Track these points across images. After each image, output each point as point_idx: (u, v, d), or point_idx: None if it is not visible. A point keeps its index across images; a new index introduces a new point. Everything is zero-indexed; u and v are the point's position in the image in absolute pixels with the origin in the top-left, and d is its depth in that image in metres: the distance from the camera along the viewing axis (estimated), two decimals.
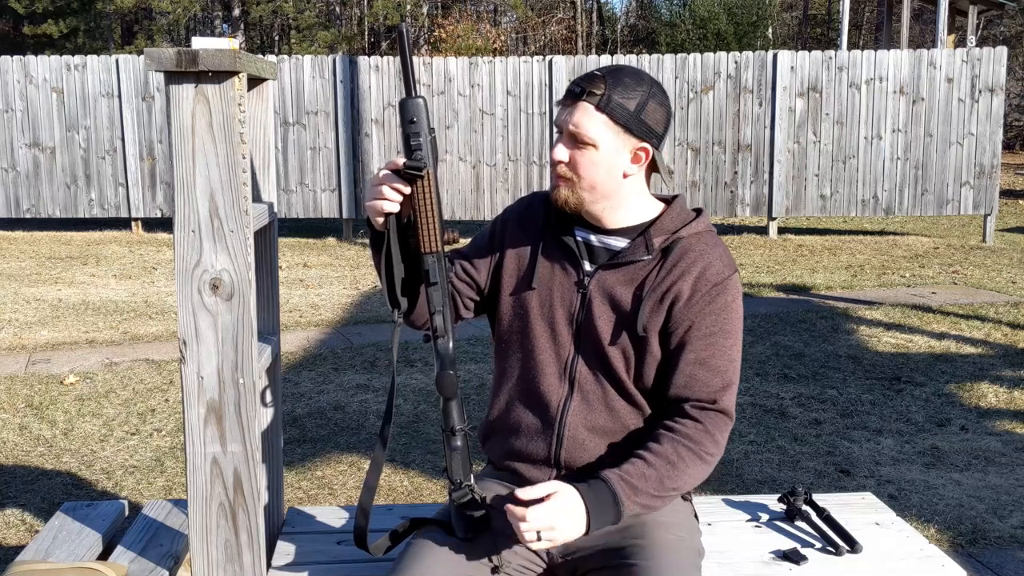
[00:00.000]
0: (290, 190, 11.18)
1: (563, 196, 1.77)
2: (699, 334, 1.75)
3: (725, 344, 1.76)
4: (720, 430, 1.75)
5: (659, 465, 1.68)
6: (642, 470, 1.68)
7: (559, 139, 1.76)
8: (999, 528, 3.36)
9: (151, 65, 1.68)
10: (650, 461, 1.69)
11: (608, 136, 1.72)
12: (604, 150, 1.73)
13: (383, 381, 5.18)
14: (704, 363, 1.75)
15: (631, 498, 1.66)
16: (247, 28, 25.73)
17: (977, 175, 11.04)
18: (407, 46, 1.62)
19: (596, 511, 1.64)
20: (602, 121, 1.71)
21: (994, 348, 5.91)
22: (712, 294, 1.75)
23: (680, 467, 1.70)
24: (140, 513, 2.26)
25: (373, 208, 1.70)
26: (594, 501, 1.64)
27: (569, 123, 1.72)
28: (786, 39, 30.90)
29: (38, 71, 11.15)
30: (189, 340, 1.78)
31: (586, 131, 1.71)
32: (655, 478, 1.68)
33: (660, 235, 1.78)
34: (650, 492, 1.67)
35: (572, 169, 1.74)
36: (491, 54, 21.68)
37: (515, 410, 1.86)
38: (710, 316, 1.75)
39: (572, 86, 1.74)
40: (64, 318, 6.90)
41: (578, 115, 1.71)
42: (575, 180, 1.75)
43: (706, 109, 11.10)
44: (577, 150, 1.73)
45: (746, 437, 4.27)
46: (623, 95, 1.71)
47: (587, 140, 1.72)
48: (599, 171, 1.74)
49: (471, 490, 1.72)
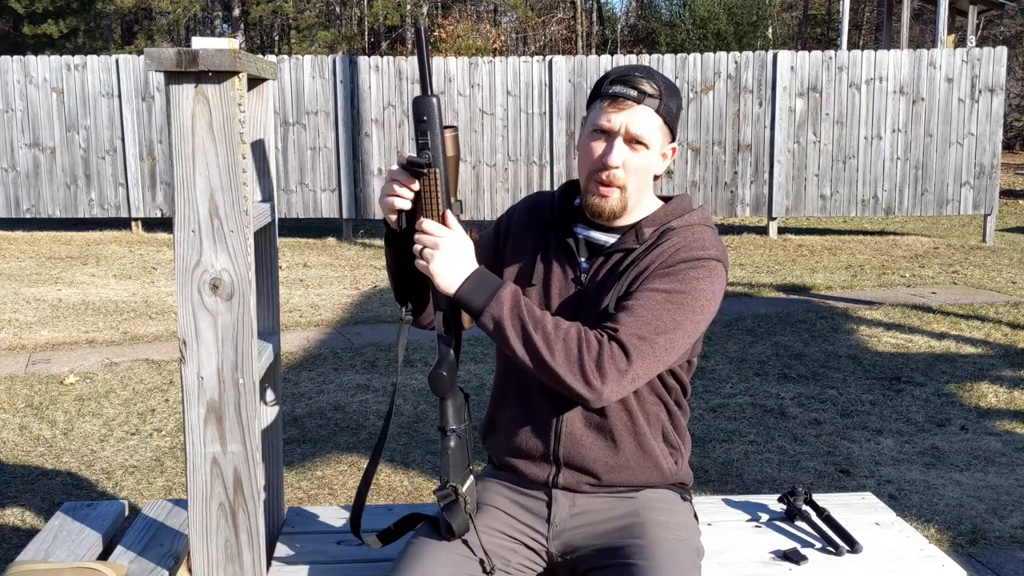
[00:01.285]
0: (290, 190, 11.18)
1: (610, 206, 1.75)
2: (643, 288, 1.70)
3: (664, 306, 1.67)
4: (610, 361, 1.61)
5: (547, 320, 1.64)
6: (534, 307, 1.66)
7: (611, 143, 1.72)
8: (999, 528, 3.36)
9: (151, 65, 1.68)
10: (546, 313, 1.66)
11: (658, 138, 1.74)
12: (653, 151, 1.75)
13: (383, 381, 5.19)
14: (630, 308, 1.67)
15: (505, 306, 1.63)
16: (247, 28, 25.74)
17: (977, 175, 11.05)
18: (425, 45, 1.62)
19: (474, 282, 1.65)
20: (659, 124, 1.73)
21: (994, 348, 5.91)
22: (677, 264, 1.71)
23: (556, 338, 1.62)
24: (140, 513, 2.26)
25: (385, 205, 1.69)
26: (481, 275, 1.66)
27: (632, 127, 1.71)
28: (786, 39, 30.90)
29: (38, 71, 11.15)
30: (189, 340, 1.78)
31: (648, 134, 1.72)
32: (536, 320, 1.63)
33: (651, 225, 1.79)
34: (521, 320, 1.62)
35: (627, 173, 1.74)
36: (491, 54, 21.68)
37: (514, 408, 1.87)
38: (662, 278, 1.70)
39: (626, 88, 1.70)
40: (64, 318, 6.90)
41: (642, 118, 1.71)
42: (627, 184, 1.74)
43: (706, 109, 11.10)
44: (632, 152, 1.73)
45: (746, 437, 4.27)
46: (670, 97, 1.74)
47: (645, 142, 1.72)
48: (647, 173, 1.76)
49: (455, 491, 1.72)
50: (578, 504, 1.83)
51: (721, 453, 4.06)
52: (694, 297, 1.69)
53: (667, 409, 1.84)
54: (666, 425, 1.85)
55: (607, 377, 1.61)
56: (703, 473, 3.81)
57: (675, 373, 1.82)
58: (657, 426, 1.83)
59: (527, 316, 1.63)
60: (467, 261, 1.66)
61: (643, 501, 1.83)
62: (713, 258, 1.73)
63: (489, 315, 1.64)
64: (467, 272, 1.65)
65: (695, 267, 1.71)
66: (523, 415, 1.85)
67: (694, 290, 1.69)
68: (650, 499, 1.84)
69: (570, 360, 1.61)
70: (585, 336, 1.64)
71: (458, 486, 1.72)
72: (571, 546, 1.80)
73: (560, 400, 1.78)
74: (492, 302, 1.64)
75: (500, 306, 1.63)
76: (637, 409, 1.79)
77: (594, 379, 1.61)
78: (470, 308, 1.65)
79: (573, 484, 1.82)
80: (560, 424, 1.80)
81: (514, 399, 1.87)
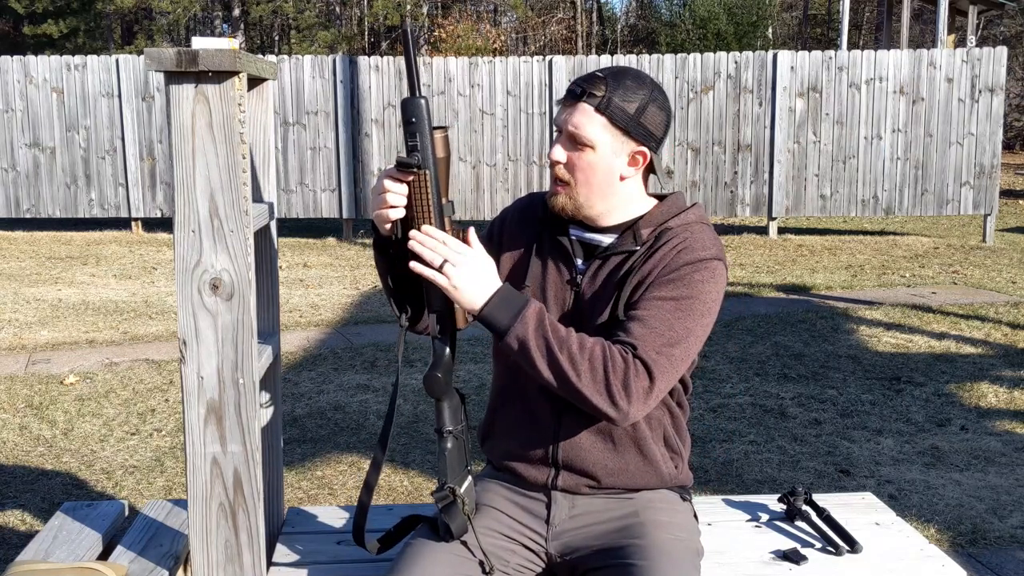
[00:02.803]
0: (290, 190, 11.18)
1: (560, 203, 1.77)
2: (650, 296, 1.70)
3: (675, 315, 1.67)
4: (635, 380, 1.62)
5: (572, 340, 1.63)
6: (559, 326, 1.65)
7: (558, 139, 1.76)
8: (999, 528, 3.36)
9: (151, 65, 1.68)
10: (570, 331, 1.65)
11: (606, 138, 1.71)
12: (602, 152, 1.72)
13: (383, 381, 5.19)
14: (642, 320, 1.67)
15: (530, 327, 1.62)
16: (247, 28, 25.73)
17: (977, 175, 11.04)
18: (412, 46, 1.62)
19: (500, 300, 1.63)
20: (601, 123, 1.70)
21: (994, 348, 5.91)
22: (680, 268, 1.71)
23: (582, 358, 1.61)
24: (140, 513, 2.26)
25: (379, 217, 1.68)
26: (506, 293, 1.64)
27: (568, 123, 1.72)
28: (786, 39, 30.90)
29: (38, 71, 11.15)
30: (189, 340, 1.78)
31: (585, 132, 1.70)
32: (561, 340, 1.62)
33: (648, 226, 1.78)
34: (547, 341, 1.62)
35: (570, 170, 1.74)
36: (491, 54, 21.68)
37: (513, 410, 1.86)
38: (667, 285, 1.70)
39: (572, 86, 1.73)
40: (64, 318, 6.90)
41: (577, 116, 1.71)
42: (572, 182, 1.74)
43: (706, 109, 11.10)
44: (575, 151, 1.73)
45: (746, 437, 4.26)
46: (623, 98, 1.70)
47: (585, 141, 1.71)
48: (596, 173, 1.73)
49: (452, 493, 1.72)
50: (577, 505, 1.83)
51: (721, 453, 4.05)
52: (701, 301, 1.70)
53: (670, 412, 1.84)
54: (668, 429, 1.84)
55: (632, 397, 1.62)
56: (703, 473, 3.81)
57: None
58: (659, 430, 1.83)
59: (552, 337, 1.62)
60: (491, 278, 1.65)
61: (643, 501, 1.83)
62: (714, 258, 1.73)
63: (514, 336, 1.63)
64: (492, 290, 1.64)
65: (698, 269, 1.71)
66: (522, 418, 1.84)
67: (700, 294, 1.70)
68: (650, 499, 1.83)
69: (596, 380, 1.61)
70: (610, 354, 1.63)
71: (456, 487, 1.72)
72: (570, 547, 1.80)
73: (559, 403, 1.78)
74: (517, 323, 1.63)
75: (525, 327, 1.63)
76: None
77: (620, 400, 1.61)
78: (495, 327, 1.65)
79: (572, 486, 1.82)
80: (559, 427, 1.80)
81: (512, 402, 1.86)
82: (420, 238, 1.64)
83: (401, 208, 1.66)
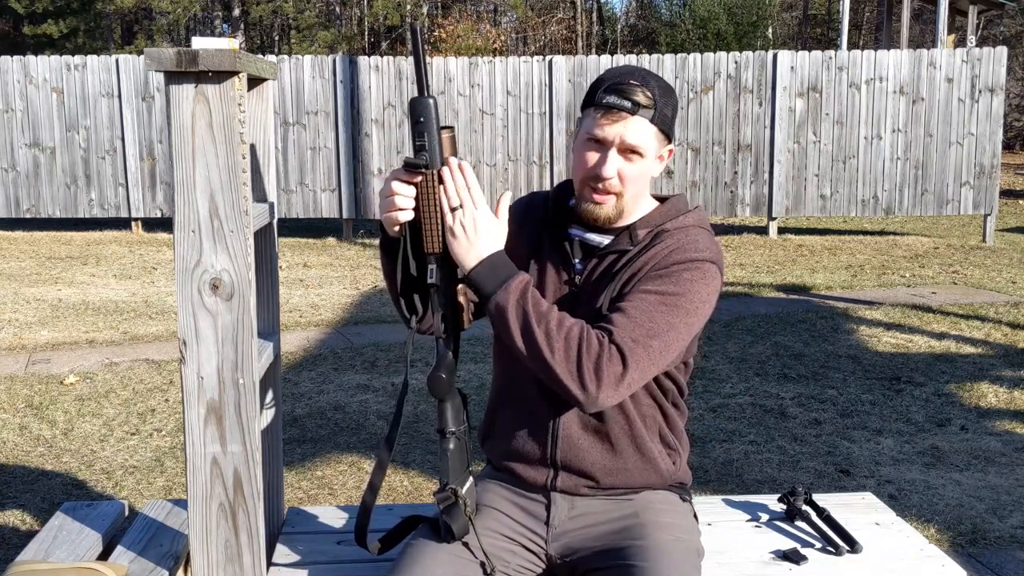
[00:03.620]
0: (290, 190, 11.18)
1: (605, 213, 1.75)
2: (636, 289, 1.69)
3: (658, 308, 1.66)
4: (608, 365, 1.60)
5: (552, 316, 1.63)
6: (541, 301, 1.64)
7: (604, 154, 1.71)
8: (999, 528, 3.36)
9: (151, 65, 1.68)
10: (553, 308, 1.65)
11: (653, 145, 1.73)
12: (648, 158, 1.74)
13: (383, 381, 5.19)
14: (624, 310, 1.66)
15: (515, 292, 1.62)
16: (247, 28, 25.73)
17: (977, 175, 11.04)
18: (420, 45, 1.61)
19: (489, 265, 1.64)
20: (653, 133, 1.72)
21: (994, 348, 5.91)
22: (671, 266, 1.70)
23: (558, 335, 1.60)
24: (140, 513, 2.26)
25: (387, 220, 1.67)
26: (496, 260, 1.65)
27: (626, 138, 1.69)
28: (786, 39, 30.89)
29: (38, 71, 11.16)
30: (189, 340, 1.78)
31: (643, 144, 1.71)
32: (540, 314, 1.62)
33: (645, 227, 1.78)
34: (528, 309, 1.61)
35: (621, 182, 1.73)
36: (491, 54, 21.68)
37: (512, 411, 1.86)
38: (655, 280, 1.69)
39: (619, 100, 1.68)
40: (64, 318, 6.90)
41: (636, 130, 1.69)
42: (623, 192, 1.74)
43: (706, 109, 11.10)
44: (627, 163, 1.72)
45: (746, 437, 4.26)
46: (665, 104, 1.72)
47: (641, 151, 1.71)
48: (643, 179, 1.76)
49: (454, 493, 1.71)
50: (577, 506, 1.83)
51: (721, 453, 4.05)
52: (688, 299, 1.68)
53: (663, 411, 1.84)
54: (663, 427, 1.84)
55: (603, 382, 1.60)
56: (703, 473, 3.81)
57: (670, 374, 1.81)
58: (654, 428, 1.83)
59: (532, 309, 1.62)
60: (491, 243, 1.65)
61: (643, 502, 1.83)
62: (707, 259, 1.72)
63: (495, 301, 1.63)
64: (487, 252, 1.64)
65: (689, 268, 1.70)
66: (521, 418, 1.84)
67: (688, 292, 1.68)
68: (650, 500, 1.83)
69: (569, 360, 1.60)
70: (587, 337, 1.62)
71: (458, 488, 1.72)
72: (571, 548, 1.80)
73: (557, 403, 1.78)
74: (501, 289, 1.63)
75: (507, 295, 1.63)
76: (633, 411, 1.79)
77: (590, 383, 1.60)
78: (480, 290, 1.65)
79: (571, 487, 1.82)
80: (557, 428, 1.80)
81: (512, 402, 1.86)
82: (453, 171, 1.64)
83: (410, 210, 1.65)
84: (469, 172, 1.64)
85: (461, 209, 1.63)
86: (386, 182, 1.66)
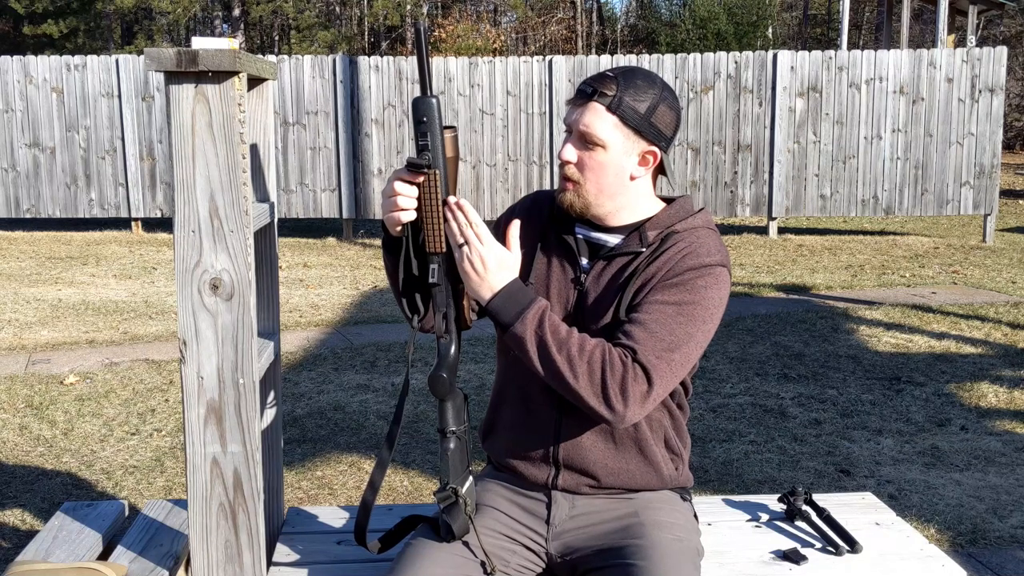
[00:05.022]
0: (290, 190, 11.18)
1: (568, 200, 1.77)
2: (652, 299, 1.70)
3: (676, 319, 1.67)
4: (633, 384, 1.62)
5: (572, 342, 1.64)
6: (560, 325, 1.65)
7: (568, 139, 1.75)
8: (999, 528, 3.36)
9: (151, 65, 1.68)
10: (572, 332, 1.65)
11: (618, 138, 1.72)
12: (613, 152, 1.72)
13: (383, 381, 5.19)
14: (643, 324, 1.67)
15: (532, 322, 1.63)
16: (247, 28, 25.73)
17: (977, 175, 11.04)
18: (424, 45, 1.61)
19: (504, 296, 1.64)
20: (612, 122, 1.71)
21: (994, 348, 5.91)
22: (684, 273, 1.71)
23: (580, 361, 1.62)
24: (140, 513, 2.26)
25: (390, 219, 1.68)
26: (512, 290, 1.65)
27: (580, 123, 1.72)
28: (786, 39, 30.89)
29: (38, 71, 11.15)
30: (189, 340, 1.78)
31: (596, 131, 1.70)
32: (560, 342, 1.63)
33: (655, 229, 1.78)
34: (547, 338, 1.62)
35: (580, 170, 1.74)
36: (491, 54, 21.68)
37: (514, 409, 1.86)
38: (671, 289, 1.70)
39: (583, 86, 1.73)
40: (64, 318, 6.90)
41: (589, 115, 1.71)
42: (581, 181, 1.75)
43: (706, 109, 11.10)
44: (586, 151, 1.73)
45: (746, 437, 4.26)
46: (634, 97, 1.70)
47: (596, 141, 1.71)
48: (607, 173, 1.74)
49: (454, 493, 1.72)
50: (578, 505, 1.83)
51: (721, 453, 4.05)
52: (703, 307, 1.69)
53: (670, 414, 1.84)
54: (668, 431, 1.84)
55: (629, 401, 1.62)
56: (703, 473, 3.81)
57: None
58: (660, 432, 1.83)
59: (551, 338, 1.63)
60: (504, 274, 1.66)
61: (643, 501, 1.83)
62: (718, 264, 1.73)
63: (512, 334, 1.65)
64: (500, 285, 1.65)
65: (702, 275, 1.71)
66: (523, 417, 1.84)
67: (703, 299, 1.70)
68: (650, 499, 1.84)
69: (593, 383, 1.62)
70: (609, 358, 1.63)
71: (458, 488, 1.72)
72: (571, 547, 1.80)
73: (560, 402, 1.78)
74: (518, 322, 1.64)
75: (524, 326, 1.64)
76: None
77: (617, 403, 1.62)
78: (497, 323, 1.67)
79: (573, 486, 1.82)
80: (560, 426, 1.80)
81: (514, 400, 1.86)
82: (454, 211, 1.65)
83: (412, 210, 1.65)
84: (468, 209, 1.65)
85: (467, 246, 1.64)
86: (389, 182, 1.67)
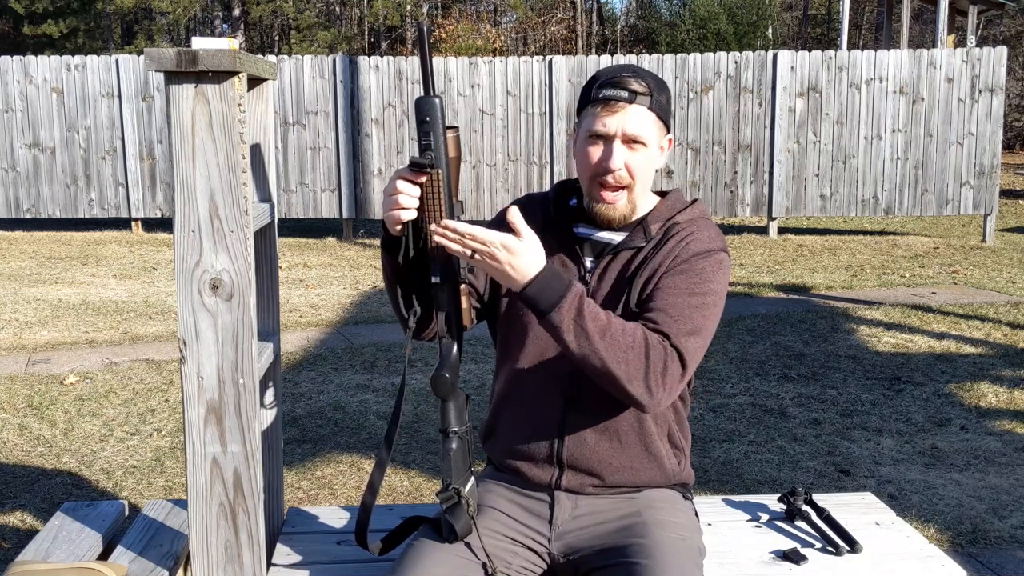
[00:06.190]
0: (290, 190, 11.17)
1: (621, 212, 1.77)
2: (664, 286, 1.72)
3: (690, 301, 1.70)
4: (672, 367, 1.64)
5: (615, 325, 1.63)
6: (599, 310, 1.64)
7: (609, 147, 1.73)
8: (999, 528, 3.36)
9: (151, 65, 1.68)
10: (611, 316, 1.65)
11: (655, 133, 1.76)
12: (651, 148, 1.76)
13: (383, 381, 5.19)
14: (664, 310, 1.69)
15: (571, 311, 1.60)
16: (247, 28, 25.73)
17: (977, 175, 11.04)
18: (427, 45, 1.61)
19: (541, 282, 1.60)
20: (651, 119, 1.75)
21: (994, 348, 5.91)
22: (690, 259, 1.74)
23: (624, 343, 1.62)
24: (140, 513, 2.26)
25: (390, 218, 1.66)
26: (548, 275, 1.61)
27: (626, 128, 1.72)
28: (786, 39, 30.89)
29: (38, 71, 11.15)
30: (189, 340, 1.78)
31: (644, 132, 1.73)
32: (603, 325, 1.62)
33: (657, 221, 1.81)
34: (587, 325, 1.61)
35: (630, 174, 1.75)
36: (491, 54, 21.68)
37: (516, 409, 1.86)
38: (680, 276, 1.73)
39: (613, 91, 1.72)
40: (64, 318, 6.90)
41: (635, 119, 1.72)
42: (632, 184, 1.76)
43: (706, 109, 11.10)
44: (632, 153, 1.74)
45: (746, 437, 4.26)
46: (660, 92, 1.76)
47: (643, 140, 1.74)
48: (648, 169, 1.78)
49: (457, 493, 1.71)
50: (581, 505, 1.83)
51: (721, 453, 4.05)
52: (713, 293, 1.73)
53: (674, 406, 1.85)
54: (672, 425, 1.85)
55: (667, 385, 1.64)
56: (703, 473, 3.81)
57: None
58: (664, 426, 1.84)
59: (591, 325, 1.61)
60: (527, 265, 1.61)
61: (645, 501, 1.83)
62: (720, 249, 1.78)
63: (549, 321, 1.63)
64: (530, 275, 1.61)
65: (707, 259, 1.75)
66: (525, 417, 1.84)
67: (712, 283, 1.74)
68: (652, 499, 1.84)
69: (638, 369, 1.62)
70: (651, 343, 1.64)
71: (461, 488, 1.72)
72: (573, 547, 1.80)
73: (564, 401, 1.78)
74: (553, 311, 1.61)
75: (559, 315, 1.61)
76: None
77: (656, 387, 1.63)
78: (535, 309, 1.63)
79: (577, 486, 1.82)
80: (564, 426, 1.80)
81: (517, 401, 1.86)
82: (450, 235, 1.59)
83: (413, 209, 1.64)
84: (459, 225, 1.59)
85: (476, 254, 1.60)
86: (391, 180, 1.66)
